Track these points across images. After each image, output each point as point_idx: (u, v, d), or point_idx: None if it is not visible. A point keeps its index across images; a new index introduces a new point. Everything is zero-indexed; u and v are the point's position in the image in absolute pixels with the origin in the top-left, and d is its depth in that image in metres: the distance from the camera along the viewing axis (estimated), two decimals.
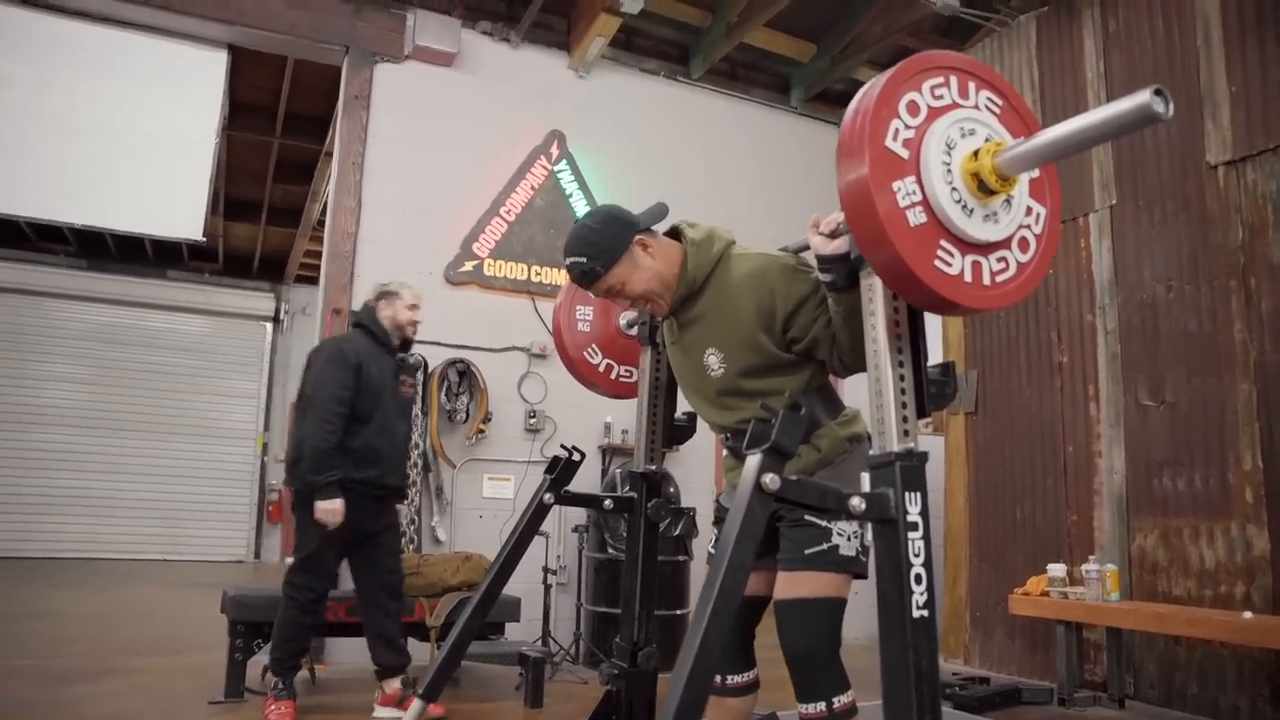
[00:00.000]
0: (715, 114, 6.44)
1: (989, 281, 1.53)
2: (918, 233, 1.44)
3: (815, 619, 2.01)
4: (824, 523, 2.03)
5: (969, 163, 1.49)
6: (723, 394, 2.19)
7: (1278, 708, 3.84)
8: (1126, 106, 1.33)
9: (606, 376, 2.87)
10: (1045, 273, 1.61)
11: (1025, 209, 1.59)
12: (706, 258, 2.18)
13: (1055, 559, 4.57)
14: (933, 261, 1.46)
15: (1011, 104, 1.60)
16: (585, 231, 2.15)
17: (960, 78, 1.56)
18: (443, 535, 5.10)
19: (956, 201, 1.48)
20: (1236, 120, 4.17)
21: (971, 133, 1.52)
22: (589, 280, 2.15)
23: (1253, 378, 4.05)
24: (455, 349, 5.30)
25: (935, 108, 1.51)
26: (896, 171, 1.45)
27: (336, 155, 5.22)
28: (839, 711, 1.99)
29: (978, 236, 1.50)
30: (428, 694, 2.41)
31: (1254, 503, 3.99)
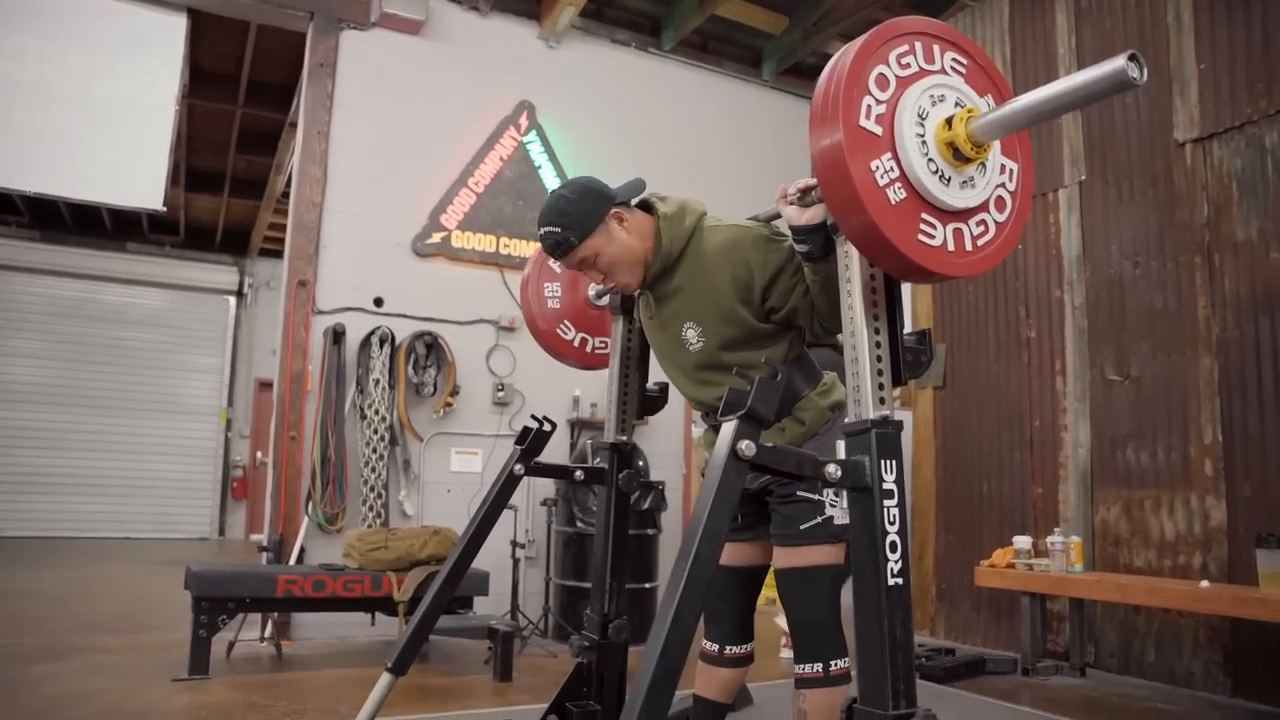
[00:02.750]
0: (686, 86, 6.38)
1: (971, 247, 1.53)
2: (899, 209, 1.43)
3: (815, 586, 2.04)
4: (816, 496, 2.03)
5: (943, 132, 1.48)
6: (702, 368, 2.17)
7: (1230, 671, 3.94)
8: (1102, 72, 1.32)
9: (581, 350, 2.84)
10: (1022, 229, 1.61)
11: (999, 168, 1.57)
12: (680, 231, 2.15)
13: (1021, 531, 4.62)
14: (916, 236, 1.45)
15: (977, 62, 1.58)
16: (560, 202, 2.11)
17: (924, 42, 1.53)
18: (410, 509, 5.05)
19: (934, 172, 1.46)
20: (1204, 98, 4.20)
21: (941, 99, 1.51)
22: (562, 251, 2.12)
23: (1215, 353, 4.10)
24: (423, 321, 5.23)
25: (903, 77, 1.49)
26: (873, 150, 1.42)
27: (301, 123, 5.11)
28: (834, 674, 2.01)
29: (957, 204, 1.49)
30: (397, 667, 2.38)
31: (1213, 475, 4.06)
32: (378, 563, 4.10)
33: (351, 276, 5.08)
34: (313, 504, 4.75)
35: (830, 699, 2.00)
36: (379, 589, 4.05)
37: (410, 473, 5.10)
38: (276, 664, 4.16)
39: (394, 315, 5.15)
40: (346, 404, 4.95)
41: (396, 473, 5.07)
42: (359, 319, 5.05)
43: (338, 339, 4.91)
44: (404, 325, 5.16)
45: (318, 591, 3.96)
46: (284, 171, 8.65)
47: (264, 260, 11.98)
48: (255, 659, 4.24)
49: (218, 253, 11.80)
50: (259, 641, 4.49)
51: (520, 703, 3.54)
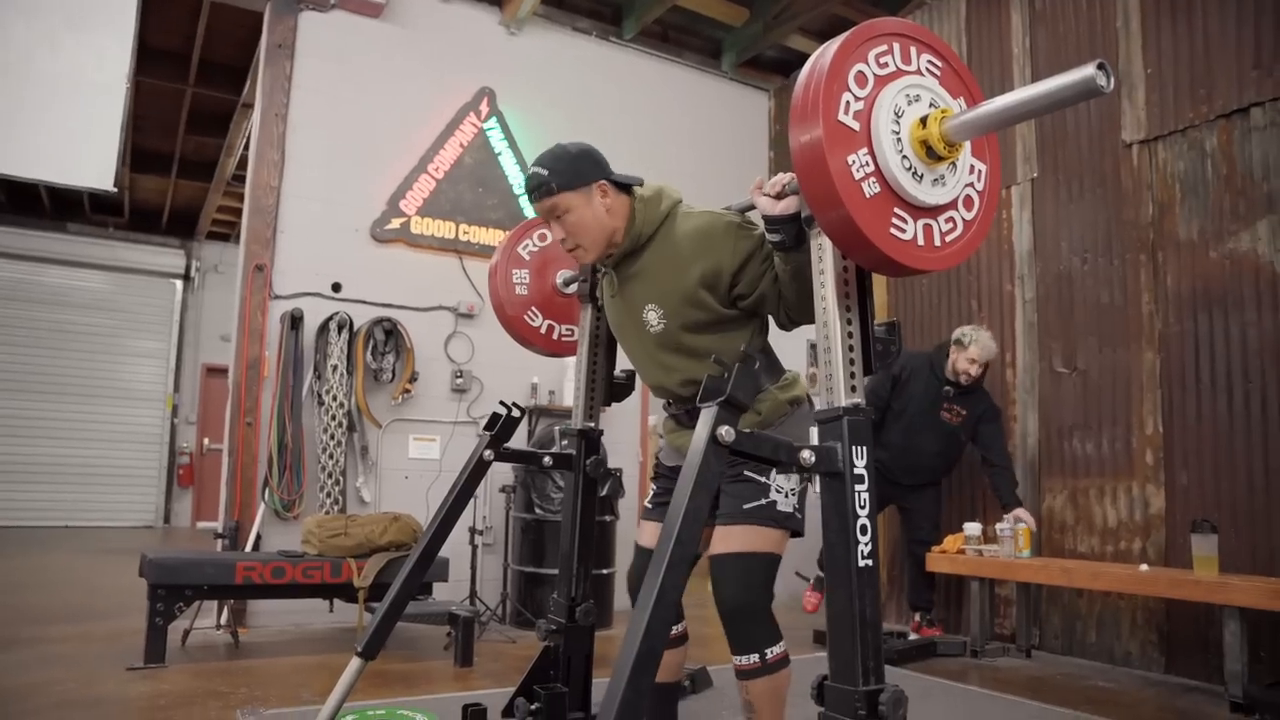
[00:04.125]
0: (647, 76, 6.40)
1: (939, 242, 1.59)
2: (873, 203, 1.48)
3: (751, 574, 2.06)
4: (762, 479, 2.07)
5: (917, 130, 1.53)
6: (662, 349, 2.20)
7: (1164, 650, 4.13)
8: (1072, 79, 1.38)
9: (548, 337, 2.88)
10: (989, 228, 1.67)
11: (969, 168, 1.63)
12: (654, 214, 2.20)
13: (971, 519, 4.76)
14: (888, 229, 1.50)
15: (951, 65, 1.65)
16: (560, 150, 2.21)
17: (902, 43, 1.59)
18: (368, 496, 5.03)
19: (907, 169, 1.52)
20: (1151, 101, 4.34)
21: (917, 99, 1.56)
22: (540, 194, 2.17)
23: (1157, 348, 4.25)
24: (381, 307, 5.19)
25: (881, 76, 1.54)
26: (850, 145, 1.47)
27: (259, 106, 5.03)
28: (772, 662, 2.05)
29: (928, 201, 1.55)
30: (367, 652, 2.40)
31: (1153, 464, 4.22)
32: (337, 549, 4.09)
33: (309, 261, 5.03)
34: (269, 490, 4.70)
35: (773, 685, 2.06)
36: (339, 575, 4.03)
37: (368, 459, 5.07)
38: (234, 651, 4.12)
39: (352, 301, 5.11)
40: (304, 390, 4.90)
41: (354, 459, 5.04)
42: (317, 304, 5.00)
43: (295, 324, 4.86)
44: (362, 311, 5.12)
45: (277, 578, 3.93)
46: (235, 153, 8.50)
47: (212, 243, 11.76)
48: (212, 647, 4.20)
49: (164, 235, 11.54)
50: (215, 629, 4.45)
51: (481, 687, 3.56)
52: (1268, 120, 3.89)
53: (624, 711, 1.37)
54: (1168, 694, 3.81)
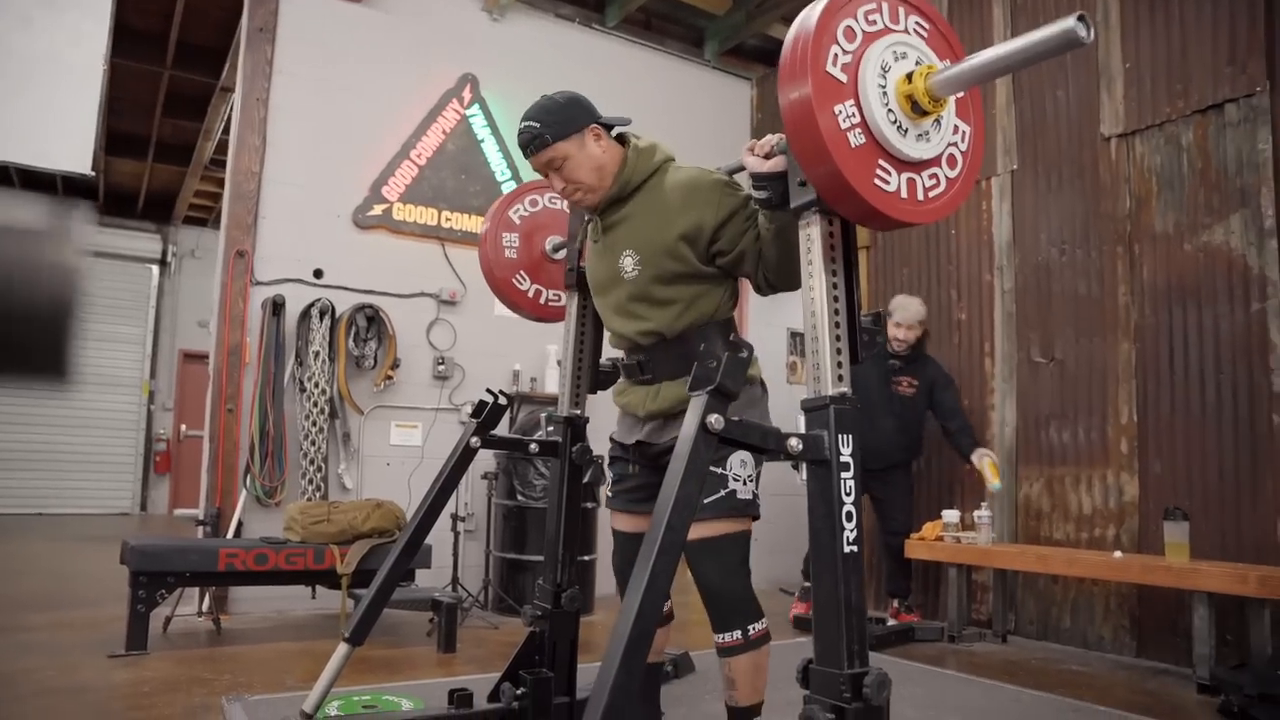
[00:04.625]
0: (628, 64, 6.40)
1: (922, 197, 1.61)
2: (858, 153, 1.51)
3: (723, 555, 2.11)
4: (719, 470, 2.10)
5: (903, 85, 1.56)
6: (633, 299, 2.22)
7: (1135, 635, 4.21)
8: (1053, 30, 1.40)
9: (535, 301, 2.91)
10: (971, 187, 1.70)
11: (953, 128, 1.67)
12: (646, 164, 2.24)
13: (950, 506, 4.82)
14: (872, 180, 1.53)
15: (938, 28, 1.68)
16: (547, 102, 2.20)
17: (890, 3, 1.62)
18: (349, 483, 5.02)
19: (892, 122, 1.55)
20: (1129, 95, 4.39)
21: (903, 56, 1.60)
22: (535, 147, 2.18)
23: (1133, 339, 4.32)
24: (363, 294, 5.18)
25: (870, 32, 1.57)
26: (837, 95, 1.51)
27: (240, 90, 4.99)
28: (754, 638, 2.10)
29: (912, 155, 1.58)
30: (354, 637, 2.41)
31: (1128, 453, 4.29)
32: (320, 536, 4.09)
33: (291, 248, 5.00)
34: (251, 477, 4.69)
35: (755, 662, 2.11)
36: (322, 562, 4.04)
37: (350, 446, 5.07)
38: (216, 638, 4.12)
39: (334, 287, 5.09)
40: (285, 377, 4.89)
41: (336, 446, 5.03)
42: (298, 291, 4.98)
43: (277, 311, 4.84)
44: (344, 298, 5.10)
45: (260, 565, 3.93)
46: (213, 137, 8.42)
47: (189, 228, 11.64)
48: (193, 634, 4.20)
49: (139, 219, 11.41)
50: (197, 616, 4.45)
51: (465, 673, 3.58)
52: (1241, 116, 3.95)
53: (615, 694, 1.39)
54: (1138, 677, 3.89)
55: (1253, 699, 3.12)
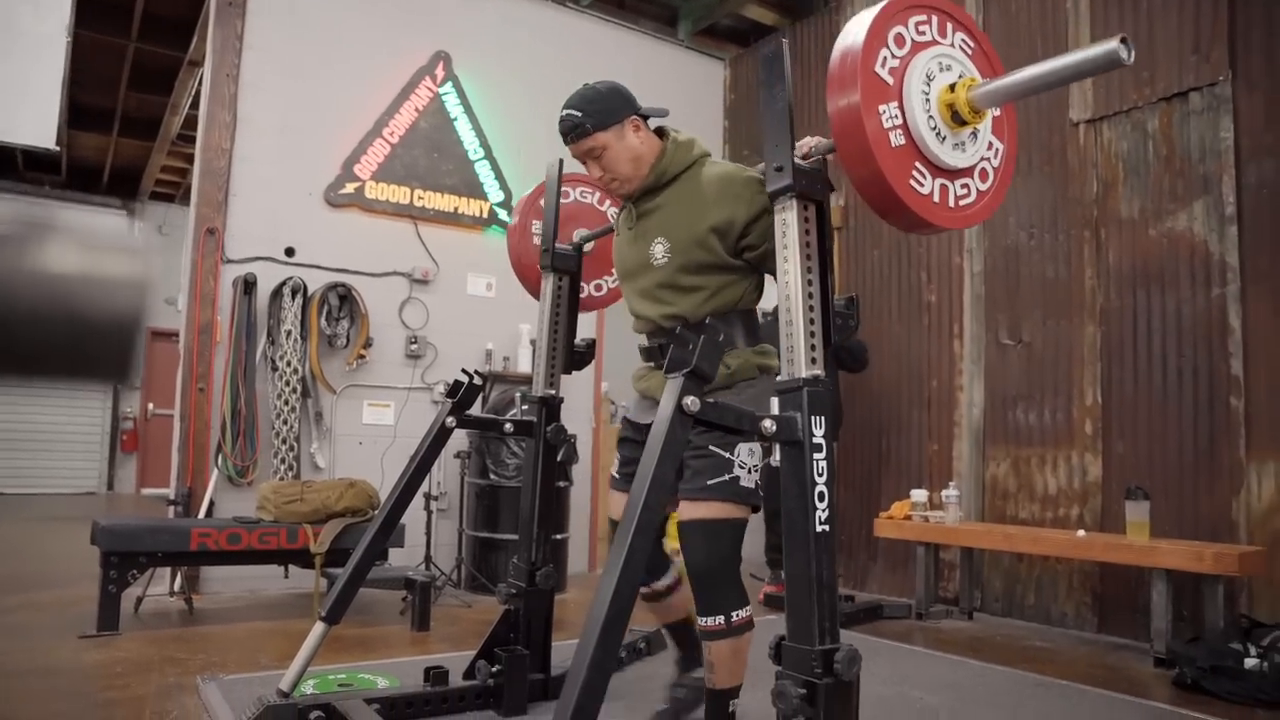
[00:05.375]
0: (602, 42, 6.37)
1: (953, 204, 1.69)
2: (897, 153, 1.59)
3: (717, 539, 2.13)
4: (726, 454, 2.13)
5: (945, 94, 1.66)
6: (661, 286, 2.27)
7: (1097, 611, 4.32)
8: (1096, 51, 1.49)
9: None
10: (1000, 202, 1.78)
11: (988, 143, 1.75)
12: (684, 156, 2.30)
13: (918, 486, 4.90)
14: (908, 180, 1.61)
15: (982, 47, 1.77)
16: (589, 91, 2.30)
17: (940, 18, 1.72)
18: (322, 462, 5.01)
19: (932, 128, 1.63)
20: (1097, 82, 4.45)
21: (948, 68, 1.68)
22: (575, 136, 2.27)
23: (1098, 321, 4.40)
24: (335, 273, 5.14)
25: (919, 42, 1.67)
26: (883, 96, 1.59)
27: (209, 66, 4.91)
28: (736, 625, 2.13)
29: (947, 162, 1.66)
30: (331, 616, 2.43)
31: (1092, 434, 4.38)
32: (294, 515, 4.08)
33: (262, 226, 4.95)
34: (223, 456, 4.66)
35: (735, 647, 2.13)
36: (295, 541, 4.03)
37: (322, 425, 5.05)
38: (188, 618, 4.11)
39: (306, 266, 5.05)
40: (257, 355, 4.85)
41: (308, 425, 5.01)
42: (270, 269, 4.94)
43: (248, 289, 4.80)
44: (316, 276, 5.07)
45: (233, 544, 3.92)
46: (180, 112, 8.27)
47: (156, 204, 11.45)
48: (165, 614, 4.18)
49: (104, 195, 11.20)
50: (168, 596, 4.43)
51: (439, 651, 3.60)
52: (1205, 105, 4.02)
53: (593, 671, 1.42)
54: (1099, 652, 3.99)
55: (1204, 671, 3.22)
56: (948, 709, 2.92)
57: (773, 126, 1.81)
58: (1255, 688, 3.11)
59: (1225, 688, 3.16)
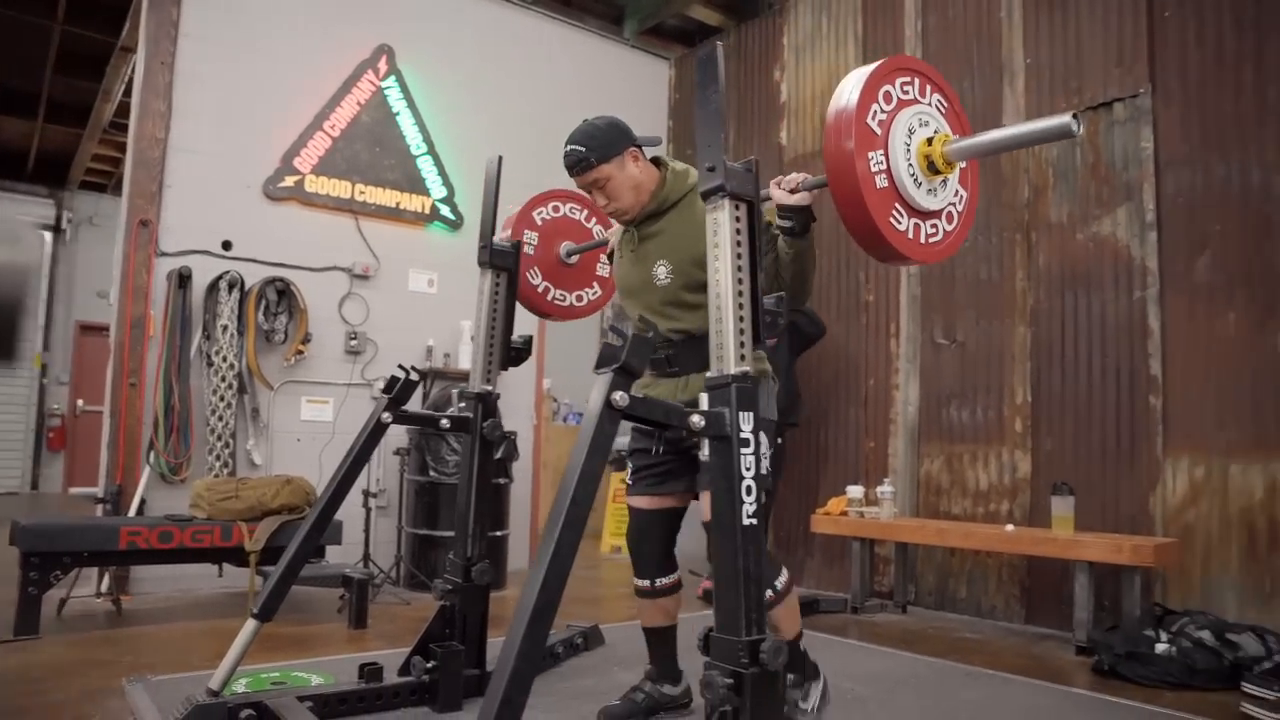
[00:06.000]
0: (548, 40, 6.36)
1: (924, 240, 1.94)
2: (881, 193, 1.83)
3: None
4: None
5: (923, 147, 1.90)
6: (665, 303, 2.46)
7: (1024, 603, 4.46)
8: (1051, 124, 1.78)
9: (543, 297, 3.11)
10: (963, 241, 2.06)
11: (955, 191, 1.99)
12: (682, 184, 2.50)
13: (854, 482, 4.99)
14: (888, 217, 1.84)
15: (953, 107, 2.03)
16: (590, 128, 2.45)
17: (921, 79, 1.97)
18: (259, 459, 4.93)
19: (910, 175, 1.88)
20: (1030, 89, 4.58)
21: (925, 124, 1.93)
22: (581, 169, 2.44)
23: (1028, 322, 4.53)
24: (274, 267, 5.07)
25: (903, 100, 1.91)
26: (872, 144, 1.83)
27: (142, 53, 4.80)
28: (782, 592, 2.47)
29: (922, 204, 1.90)
30: (263, 613, 2.40)
31: (1022, 432, 4.51)
32: (228, 512, 4.02)
33: (199, 218, 4.86)
34: (155, 453, 4.57)
35: (788, 606, 2.50)
36: (229, 539, 3.97)
37: (259, 421, 4.97)
38: (116, 620, 4.02)
39: (244, 260, 4.97)
40: (192, 350, 4.76)
41: (245, 421, 4.93)
42: (206, 262, 4.85)
43: (183, 283, 4.70)
44: (254, 270, 4.98)
45: (164, 543, 3.84)
46: (113, 99, 8.05)
47: (87, 194, 11.12)
48: (91, 616, 4.08)
49: (30, 183, 10.84)
50: (95, 598, 4.32)
51: (376, 648, 3.57)
52: (1128, 115, 4.17)
53: (521, 661, 1.44)
54: (1025, 642, 4.12)
55: (1120, 657, 3.35)
56: (877, 699, 2.99)
57: (706, 127, 1.84)
58: (1164, 671, 3.25)
59: (1138, 672, 3.29)
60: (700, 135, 1.85)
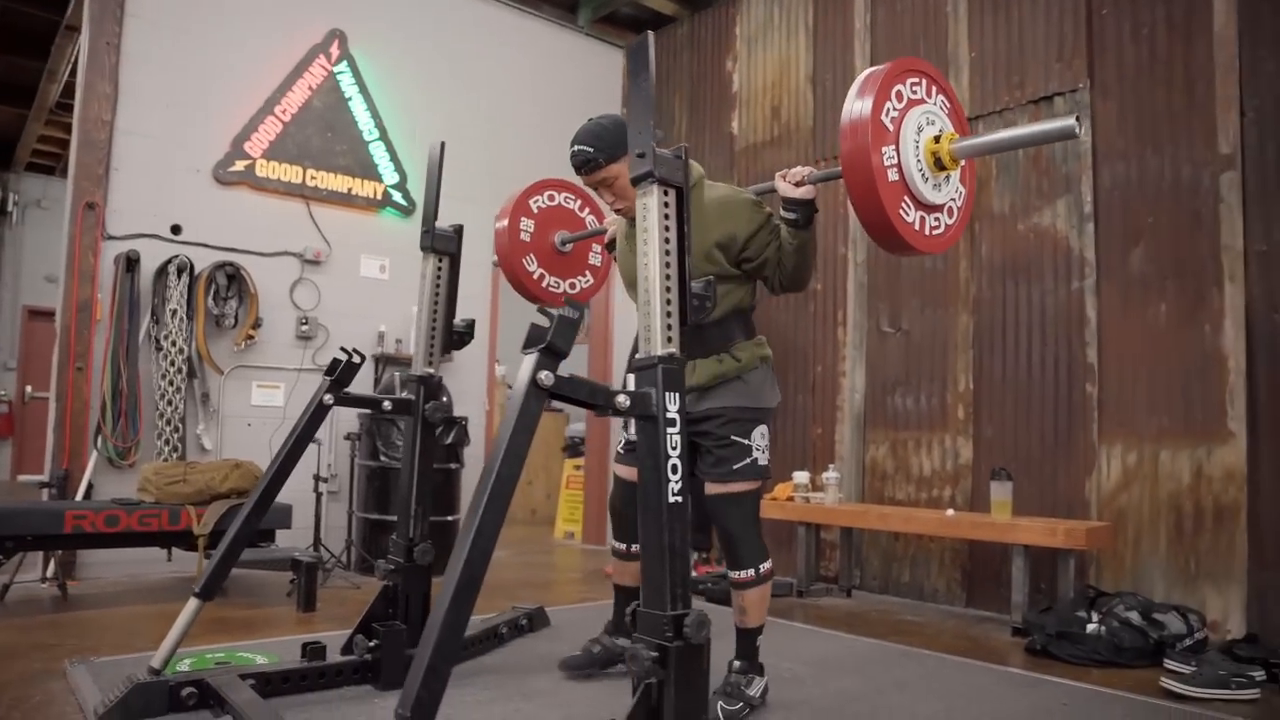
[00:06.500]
0: (500, 27, 6.35)
1: (928, 232, 2.09)
2: (892, 186, 1.99)
3: (744, 507, 2.60)
4: (746, 441, 2.58)
5: (931, 144, 2.05)
6: None
7: (965, 586, 4.58)
8: (1055, 126, 1.94)
9: (538, 284, 3.21)
10: (960, 235, 2.25)
11: (957, 188, 2.14)
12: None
13: (800, 468, 5.08)
14: (899, 209, 2.01)
15: (954, 107, 2.18)
16: (596, 128, 2.53)
17: (928, 81, 2.12)
18: (209, 443, 4.91)
19: (919, 170, 2.03)
20: (974, 83, 4.68)
21: (931, 123, 2.08)
22: (588, 168, 2.54)
23: (971, 311, 4.64)
24: (224, 251, 5.04)
25: (913, 99, 2.06)
26: (885, 139, 1.98)
27: (87, 32, 4.73)
28: (764, 574, 2.62)
29: (928, 198, 2.05)
30: (204, 593, 2.42)
31: (964, 419, 4.62)
32: (176, 496, 4.01)
33: (147, 202, 4.81)
34: (102, 438, 4.53)
35: (762, 593, 2.63)
36: (177, 523, 3.96)
37: (209, 406, 4.95)
38: (62, 604, 3.99)
39: (193, 244, 4.93)
40: (140, 335, 4.72)
41: (194, 406, 4.91)
42: (155, 246, 4.81)
43: (131, 267, 4.66)
44: (204, 255, 4.95)
45: (110, 527, 3.83)
46: (59, 80, 7.88)
47: (33, 176, 10.88)
48: (36, 601, 4.05)
49: None
50: (40, 583, 4.29)
51: (324, 630, 3.59)
52: (1067, 109, 4.27)
53: (445, 633, 1.48)
54: (964, 624, 4.23)
55: (1052, 637, 3.47)
56: (813, 677, 3.08)
57: (638, 114, 1.89)
58: (1092, 649, 3.37)
59: (1067, 651, 3.41)
60: (632, 121, 1.90)
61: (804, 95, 5.57)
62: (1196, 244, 3.85)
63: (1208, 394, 3.78)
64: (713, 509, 2.61)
